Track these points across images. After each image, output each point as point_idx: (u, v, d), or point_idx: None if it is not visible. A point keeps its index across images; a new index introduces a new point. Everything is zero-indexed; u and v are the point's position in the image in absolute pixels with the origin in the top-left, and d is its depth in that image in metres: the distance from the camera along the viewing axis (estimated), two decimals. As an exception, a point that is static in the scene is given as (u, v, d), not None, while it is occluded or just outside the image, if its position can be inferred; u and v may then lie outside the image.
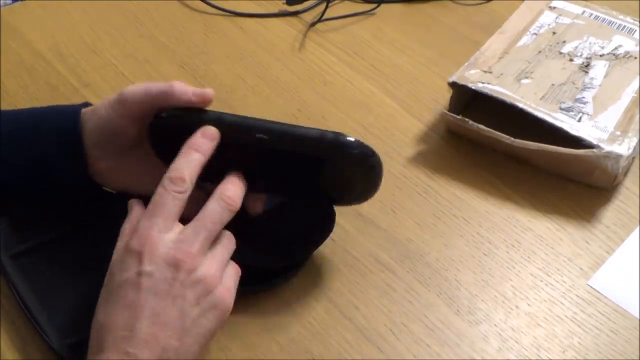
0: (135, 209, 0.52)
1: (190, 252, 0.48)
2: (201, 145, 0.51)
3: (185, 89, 0.53)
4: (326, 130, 0.52)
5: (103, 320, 0.47)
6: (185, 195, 0.49)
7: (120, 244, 0.50)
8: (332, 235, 0.60)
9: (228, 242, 0.51)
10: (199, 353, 0.48)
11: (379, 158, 0.54)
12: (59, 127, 0.56)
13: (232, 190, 0.51)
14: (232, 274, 0.51)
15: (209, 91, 0.54)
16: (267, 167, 0.54)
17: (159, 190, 0.49)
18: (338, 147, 0.52)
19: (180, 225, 0.49)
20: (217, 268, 0.49)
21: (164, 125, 0.54)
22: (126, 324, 0.46)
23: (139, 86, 0.54)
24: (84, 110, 0.56)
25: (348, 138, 0.52)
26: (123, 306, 0.46)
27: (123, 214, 0.60)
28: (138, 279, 0.47)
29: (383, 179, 0.66)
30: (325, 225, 0.58)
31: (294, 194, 0.57)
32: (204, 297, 0.48)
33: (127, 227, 0.51)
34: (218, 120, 0.53)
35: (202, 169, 0.51)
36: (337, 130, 0.52)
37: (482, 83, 0.68)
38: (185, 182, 0.49)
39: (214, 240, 0.50)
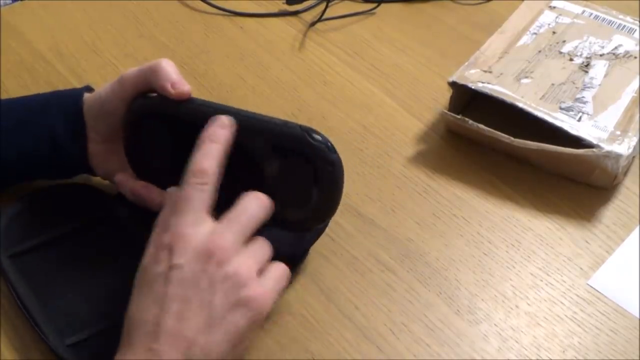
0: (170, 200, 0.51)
1: (222, 243, 0.46)
2: (217, 135, 0.50)
3: (169, 72, 0.54)
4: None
5: (132, 315, 0.46)
6: (210, 187, 0.48)
7: (153, 238, 0.49)
8: (332, 235, 0.60)
9: (264, 245, 0.50)
10: (229, 353, 0.45)
11: (341, 162, 0.51)
12: (65, 107, 0.58)
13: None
14: (275, 276, 0.49)
15: (187, 89, 0.53)
16: (233, 166, 0.52)
17: (183, 185, 0.48)
18: (300, 134, 0.50)
19: (212, 219, 0.48)
20: (251, 265, 0.47)
21: (141, 106, 0.55)
22: (153, 319, 0.45)
23: (136, 67, 0.55)
24: (86, 94, 0.58)
25: (312, 129, 0.50)
26: (151, 300, 0.45)
27: (123, 213, 0.60)
28: (168, 272, 0.46)
29: (383, 179, 0.66)
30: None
31: None
32: (233, 293, 0.45)
33: (159, 219, 0.49)
34: (190, 106, 0.53)
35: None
36: (336, 128, 0.52)
37: (482, 83, 0.68)
38: (207, 173, 0.48)
39: (250, 241, 0.49)
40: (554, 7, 0.79)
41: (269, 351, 0.54)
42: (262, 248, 0.49)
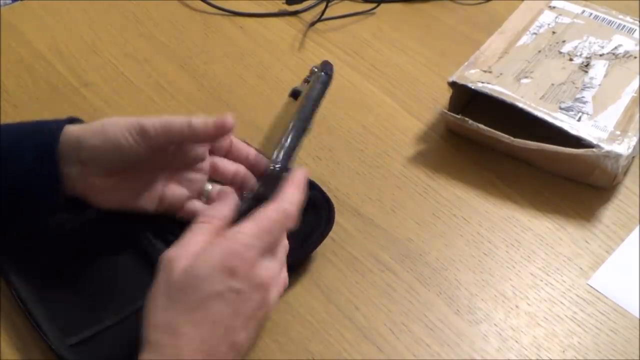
0: (228, 202, 0.52)
1: (270, 274, 0.49)
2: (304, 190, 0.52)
3: (205, 125, 0.53)
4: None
5: (176, 326, 0.45)
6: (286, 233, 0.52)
7: (214, 242, 0.48)
8: (332, 235, 0.60)
9: (286, 246, 0.53)
10: None
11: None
12: (36, 144, 0.53)
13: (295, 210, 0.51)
14: (280, 291, 0.52)
15: (229, 120, 0.53)
16: None
17: (276, 216, 0.49)
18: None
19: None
20: (277, 291, 0.51)
21: None
22: (206, 340, 0.45)
23: (159, 121, 0.52)
24: (82, 126, 0.54)
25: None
26: (207, 320, 0.45)
27: (125, 212, 0.60)
28: (229, 294, 0.46)
29: (383, 179, 0.66)
30: (324, 226, 0.58)
31: None
32: (259, 316, 0.49)
33: (214, 216, 0.50)
34: None
35: None
36: (336, 128, 0.52)
37: (482, 82, 0.68)
38: (295, 224, 0.51)
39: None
40: (554, 7, 0.79)
41: (269, 351, 0.54)
42: (283, 252, 0.52)
